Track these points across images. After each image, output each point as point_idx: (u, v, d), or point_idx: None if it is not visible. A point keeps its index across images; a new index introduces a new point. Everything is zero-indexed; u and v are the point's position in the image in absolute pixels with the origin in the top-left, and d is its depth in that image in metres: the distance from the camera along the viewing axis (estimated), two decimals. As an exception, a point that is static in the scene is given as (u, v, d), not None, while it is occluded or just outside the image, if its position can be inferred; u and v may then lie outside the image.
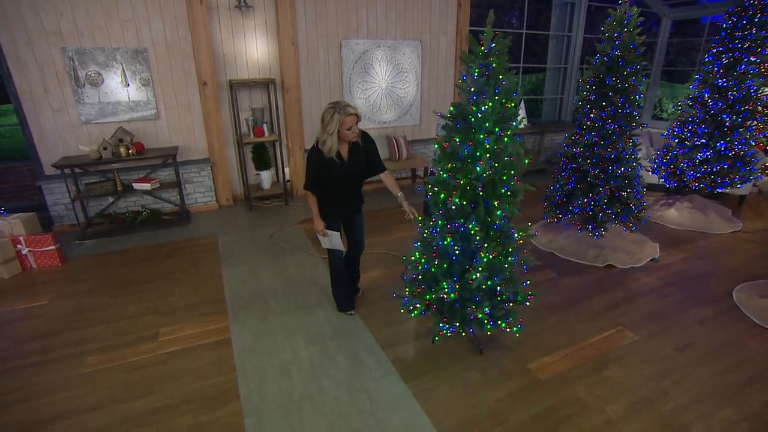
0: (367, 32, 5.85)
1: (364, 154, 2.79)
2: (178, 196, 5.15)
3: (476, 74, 2.23)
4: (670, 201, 5.14)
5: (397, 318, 3.16)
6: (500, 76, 2.21)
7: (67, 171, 4.55)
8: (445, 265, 2.54)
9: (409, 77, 6.31)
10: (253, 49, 5.33)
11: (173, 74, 4.96)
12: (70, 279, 3.89)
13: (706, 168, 4.65)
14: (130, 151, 4.56)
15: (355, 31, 5.76)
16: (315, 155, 2.64)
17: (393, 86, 6.26)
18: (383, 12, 5.85)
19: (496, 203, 2.32)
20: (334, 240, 2.91)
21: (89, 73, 4.57)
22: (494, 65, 2.19)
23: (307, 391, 2.48)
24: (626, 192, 3.85)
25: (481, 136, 2.23)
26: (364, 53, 5.90)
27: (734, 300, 3.38)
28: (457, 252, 2.44)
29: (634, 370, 2.62)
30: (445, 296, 2.44)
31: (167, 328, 3.11)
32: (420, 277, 2.67)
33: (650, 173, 5.13)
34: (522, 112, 7.05)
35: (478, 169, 2.25)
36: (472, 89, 2.26)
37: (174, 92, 5.03)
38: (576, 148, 4.01)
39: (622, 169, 3.78)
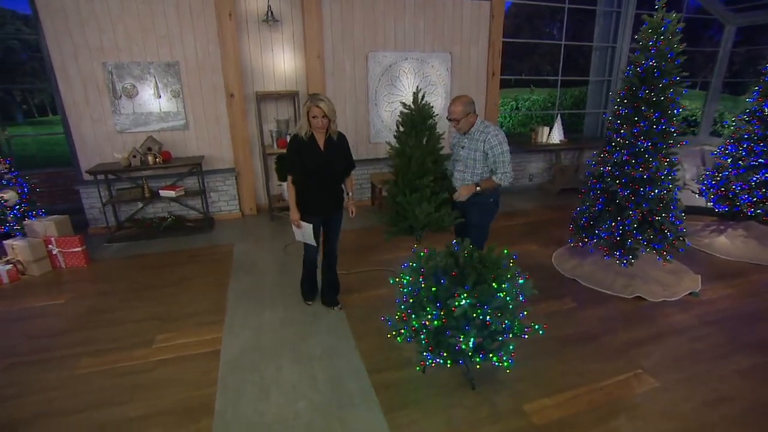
0: (394, 44, 5.79)
1: (342, 151, 3.07)
2: (203, 204, 5.31)
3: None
4: (722, 227, 4.57)
5: (391, 342, 2.97)
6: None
7: (100, 177, 4.83)
8: (433, 289, 2.36)
9: (437, 90, 6.17)
10: (280, 62, 5.44)
11: (202, 86, 5.16)
12: (92, 280, 4.08)
13: (764, 191, 4.09)
14: (157, 159, 4.76)
15: (382, 43, 5.73)
16: (293, 139, 3.01)
17: (420, 99, 6.13)
18: (412, 23, 5.78)
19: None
20: (307, 233, 3.08)
21: (125, 86, 4.86)
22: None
23: (282, 413, 2.37)
24: (660, 216, 3.44)
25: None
26: (390, 66, 5.84)
27: (789, 348, 2.89)
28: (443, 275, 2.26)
29: (649, 423, 2.27)
30: (427, 323, 2.26)
31: (164, 335, 3.14)
32: (410, 300, 2.50)
33: (697, 196, 4.60)
34: (557, 127, 6.67)
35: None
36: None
37: (203, 104, 5.22)
38: (604, 167, 3.67)
39: (656, 191, 3.39)
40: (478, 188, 3.06)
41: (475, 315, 2.26)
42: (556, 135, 6.69)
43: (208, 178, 5.42)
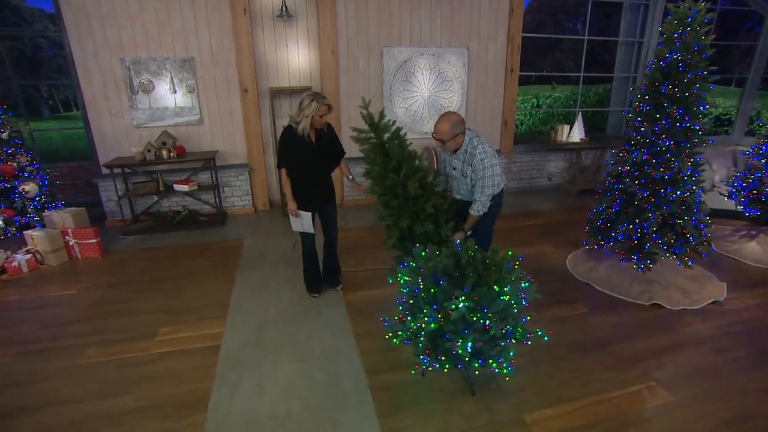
0: (410, 40, 5.70)
1: (330, 140, 3.15)
2: (216, 199, 5.36)
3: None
4: (753, 232, 4.30)
5: (393, 343, 2.92)
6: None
7: (117, 171, 4.93)
8: (431, 290, 2.28)
9: (453, 86, 6.04)
10: (294, 58, 5.42)
11: (217, 82, 5.20)
12: (105, 271, 4.16)
13: (801, 195, 3.82)
14: (171, 154, 4.83)
15: (397, 38, 5.64)
16: (287, 133, 3.01)
17: (436, 95, 6.02)
18: (428, 18, 5.66)
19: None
20: (305, 221, 3.14)
21: (142, 81, 4.94)
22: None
23: (274, 411, 2.35)
24: (682, 220, 3.25)
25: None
26: (405, 61, 5.75)
27: (821, 364, 2.67)
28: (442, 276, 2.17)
29: (659, 439, 2.14)
30: (423, 325, 2.18)
31: (168, 328, 3.16)
32: (410, 301, 2.43)
33: (726, 198, 4.34)
34: (578, 126, 6.44)
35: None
36: None
37: (217, 99, 5.26)
38: (623, 167, 3.49)
39: (678, 192, 3.20)
40: (468, 233, 3.00)
41: (474, 319, 2.17)
42: (576, 133, 6.46)
43: (221, 173, 5.47)
